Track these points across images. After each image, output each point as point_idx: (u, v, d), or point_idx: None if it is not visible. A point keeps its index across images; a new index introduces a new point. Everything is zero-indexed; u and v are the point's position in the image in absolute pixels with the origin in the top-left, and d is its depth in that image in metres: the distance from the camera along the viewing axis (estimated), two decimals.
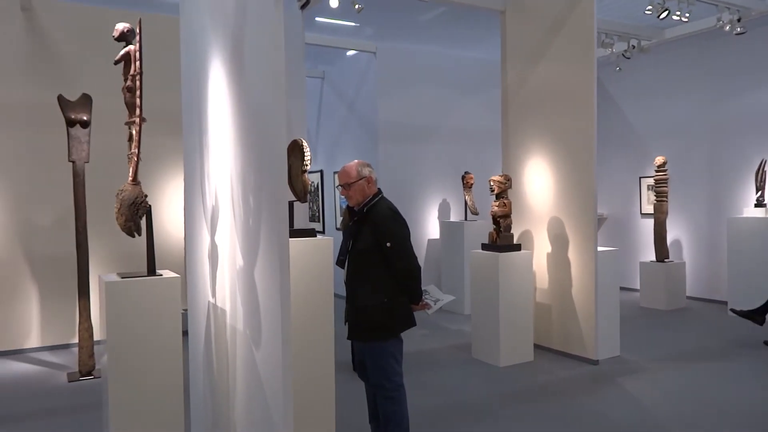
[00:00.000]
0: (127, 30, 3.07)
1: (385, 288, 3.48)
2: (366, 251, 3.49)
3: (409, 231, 3.59)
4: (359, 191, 3.56)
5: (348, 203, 3.67)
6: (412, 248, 3.57)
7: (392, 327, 3.51)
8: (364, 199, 3.57)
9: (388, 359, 3.50)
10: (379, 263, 3.47)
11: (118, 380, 2.99)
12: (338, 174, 3.76)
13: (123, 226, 3.08)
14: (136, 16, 3.71)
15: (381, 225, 3.47)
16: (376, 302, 3.45)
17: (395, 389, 3.52)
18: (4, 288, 6.49)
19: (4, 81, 6.47)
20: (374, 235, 3.47)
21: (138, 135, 2.98)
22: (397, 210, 3.60)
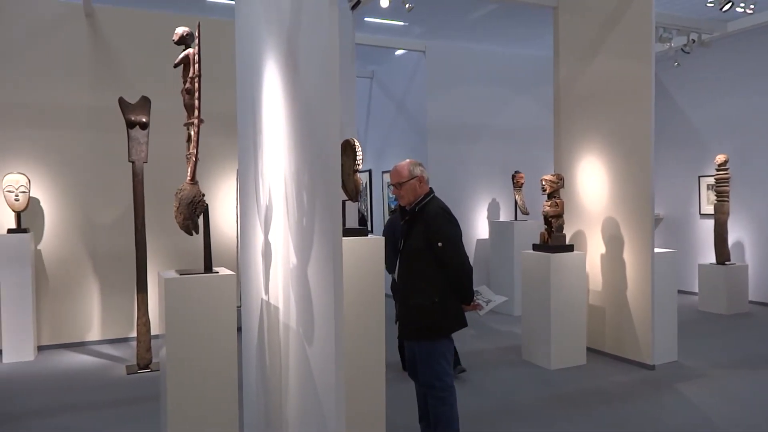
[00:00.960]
0: (187, 34, 3.16)
1: (436, 288, 3.46)
2: (418, 251, 3.50)
3: (461, 231, 3.57)
4: (411, 190, 3.57)
5: (399, 202, 3.69)
6: (464, 248, 3.54)
7: (443, 327, 3.49)
8: (415, 198, 3.57)
9: (438, 359, 3.49)
10: (430, 263, 3.46)
11: (175, 373, 3.08)
12: (390, 173, 3.84)
13: (181, 225, 3.17)
14: (192, 20, 3.81)
15: (433, 224, 3.46)
16: (427, 302, 3.45)
17: (445, 389, 3.51)
18: (68, 283, 6.79)
19: (68, 85, 6.76)
20: (426, 234, 3.47)
21: (196, 136, 3.06)
22: (449, 209, 3.58)
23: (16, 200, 6.18)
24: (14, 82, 6.55)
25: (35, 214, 6.63)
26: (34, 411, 4.76)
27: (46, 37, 6.69)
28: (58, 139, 6.72)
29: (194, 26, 3.35)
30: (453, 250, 3.46)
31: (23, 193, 6.22)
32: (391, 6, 6.51)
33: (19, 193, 6.20)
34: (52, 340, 6.70)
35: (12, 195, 6.17)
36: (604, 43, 6.16)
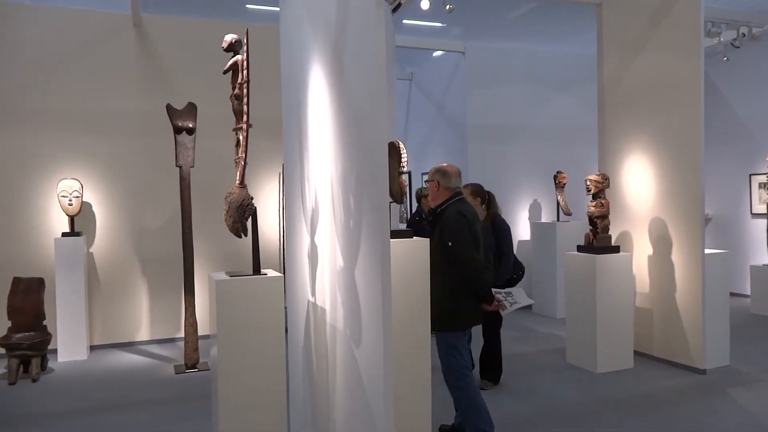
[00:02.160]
0: (235, 41, 3.23)
1: (449, 284, 3.74)
2: (436, 249, 3.75)
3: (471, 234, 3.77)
4: (432, 190, 3.96)
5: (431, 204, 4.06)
6: (473, 250, 3.75)
7: (452, 321, 3.78)
8: (434, 199, 3.95)
9: (450, 351, 3.79)
10: (446, 261, 3.75)
11: (226, 373, 3.14)
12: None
13: (231, 228, 3.24)
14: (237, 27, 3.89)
15: (446, 225, 3.77)
16: (440, 296, 3.73)
17: (459, 378, 3.78)
18: (118, 285, 7.00)
19: (118, 92, 6.98)
20: (441, 234, 3.79)
21: (245, 140, 3.12)
22: (468, 213, 3.82)
23: (69, 205, 6.41)
24: (68, 91, 6.80)
25: (87, 218, 6.86)
26: (88, 408, 4.93)
27: (97, 48, 6.93)
28: (108, 145, 6.94)
29: (241, 33, 3.42)
30: (459, 250, 3.71)
31: (76, 198, 6.45)
32: (430, 8, 6.50)
33: (73, 198, 6.43)
34: (104, 340, 6.92)
35: (66, 200, 6.40)
36: (651, 39, 6.02)
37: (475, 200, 4.99)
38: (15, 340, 5.58)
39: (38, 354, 5.71)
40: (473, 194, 5.01)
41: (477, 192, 5.06)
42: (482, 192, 5.11)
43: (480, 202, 5.05)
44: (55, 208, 6.64)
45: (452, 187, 3.90)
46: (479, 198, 5.05)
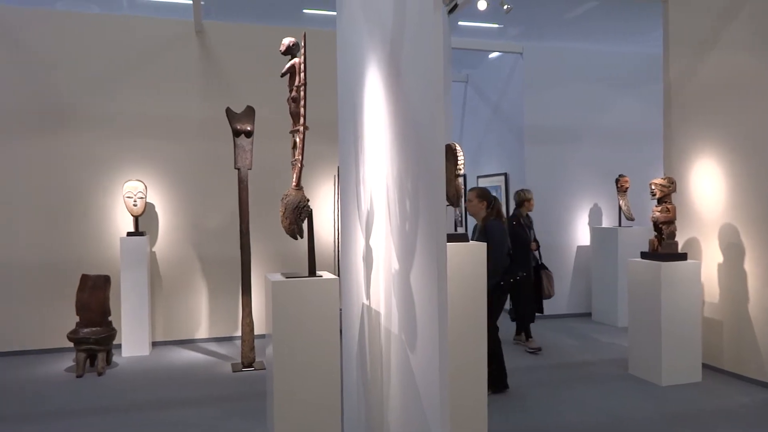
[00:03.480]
0: (293, 44, 3.26)
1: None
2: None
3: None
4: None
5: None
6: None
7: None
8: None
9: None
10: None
11: (281, 373, 3.17)
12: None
13: (287, 229, 3.26)
14: (294, 31, 3.93)
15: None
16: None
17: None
18: (179, 284, 7.21)
19: (180, 97, 7.21)
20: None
21: (302, 143, 3.14)
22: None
23: (134, 205, 6.66)
24: (133, 96, 7.07)
25: (151, 218, 7.10)
26: (149, 402, 5.08)
27: (161, 54, 7.18)
28: (171, 148, 7.17)
29: (299, 37, 3.45)
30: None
31: (140, 199, 6.68)
32: (487, 9, 6.40)
33: (137, 199, 6.67)
34: (165, 337, 7.14)
35: (131, 201, 6.65)
36: (722, 36, 5.73)
37: (480, 203, 5.02)
38: (82, 335, 5.82)
39: (104, 348, 5.95)
40: (479, 197, 5.02)
41: (483, 195, 5.05)
42: (489, 196, 5.10)
43: (486, 206, 5.04)
44: (120, 209, 6.91)
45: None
46: (485, 201, 5.03)
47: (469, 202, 5.09)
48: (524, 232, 6.63)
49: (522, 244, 6.51)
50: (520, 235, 6.54)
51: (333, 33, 4.10)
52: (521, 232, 6.58)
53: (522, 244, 6.51)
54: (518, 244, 6.43)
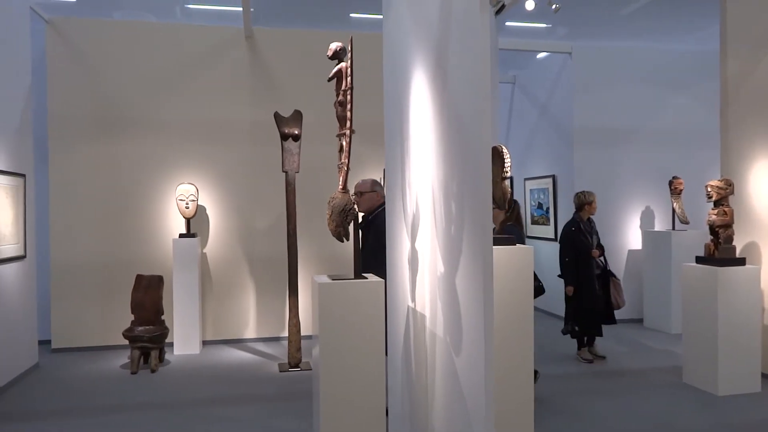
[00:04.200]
0: (340, 48, 3.30)
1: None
2: (374, 249, 4.23)
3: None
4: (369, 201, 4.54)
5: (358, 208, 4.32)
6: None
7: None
8: (370, 208, 4.52)
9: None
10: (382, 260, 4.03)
11: (327, 374, 3.20)
12: (356, 184, 4.73)
13: (333, 232, 3.30)
14: (341, 35, 3.98)
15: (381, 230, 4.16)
16: None
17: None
18: (228, 284, 7.39)
19: (230, 101, 7.39)
20: (375, 237, 4.26)
21: (348, 146, 3.17)
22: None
23: (186, 208, 6.86)
24: (185, 102, 7.28)
25: (202, 220, 7.30)
26: (199, 400, 5.22)
27: (212, 60, 7.38)
28: (221, 152, 7.36)
29: (346, 41, 3.49)
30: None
31: (192, 202, 6.88)
32: (535, 8, 6.31)
33: (189, 202, 6.87)
34: (215, 336, 7.32)
35: (183, 203, 6.85)
36: None
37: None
38: (137, 333, 6.03)
39: (157, 347, 6.14)
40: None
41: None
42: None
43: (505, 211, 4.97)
44: (173, 211, 7.13)
45: (383, 195, 4.46)
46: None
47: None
48: (585, 239, 6.26)
49: (582, 251, 6.20)
50: (579, 241, 6.23)
51: (379, 36, 4.12)
52: (581, 239, 6.25)
53: (582, 251, 6.20)
54: (577, 252, 6.20)
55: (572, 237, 6.26)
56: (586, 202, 6.37)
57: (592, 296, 6.16)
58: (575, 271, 6.19)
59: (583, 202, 6.39)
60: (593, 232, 6.42)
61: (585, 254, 6.19)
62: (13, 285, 5.83)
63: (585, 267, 6.17)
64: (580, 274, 6.17)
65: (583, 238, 6.25)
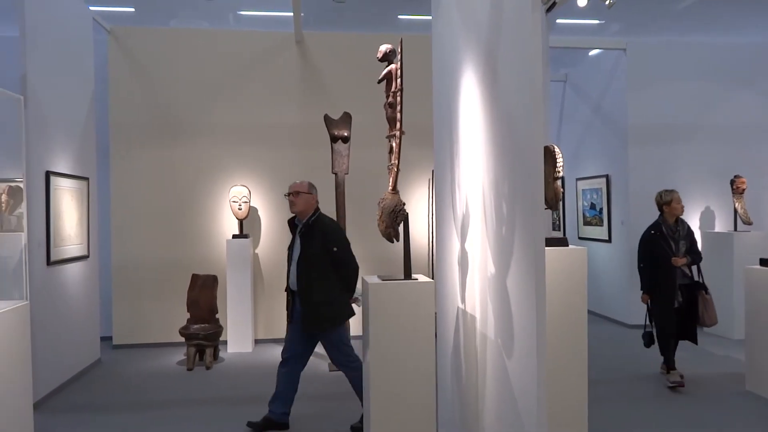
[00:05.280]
0: (389, 51, 3.32)
1: (333, 286, 4.29)
2: (316, 256, 4.27)
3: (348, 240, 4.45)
4: (304, 202, 4.42)
5: (291, 209, 4.47)
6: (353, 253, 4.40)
7: (341, 317, 4.36)
8: (305, 210, 4.42)
9: (342, 342, 4.41)
10: (327, 265, 4.26)
11: (377, 374, 3.23)
12: (291, 184, 4.55)
13: (384, 233, 3.32)
14: (389, 38, 4.00)
15: (329, 234, 4.34)
16: (327, 298, 4.26)
17: (355, 361, 4.36)
18: (279, 284, 7.48)
19: (281, 105, 7.53)
20: (323, 242, 4.28)
21: (398, 147, 3.19)
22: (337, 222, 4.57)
23: (239, 209, 7.03)
24: (238, 106, 7.47)
25: (254, 221, 7.47)
26: (253, 396, 5.33)
27: (263, 65, 7.54)
28: (273, 155, 7.51)
29: (393, 44, 3.50)
30: (345, 254, 4.33)
31: (245, 203, 7.05)
32: (587, 4, 6.18)
33: (242, 203, 7.04)
34: (266, 335, 7.47)
35: (236, 205, 7.02)
36: None
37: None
38: (192, 331, 6.22)
39: (211, 344, 6.32)
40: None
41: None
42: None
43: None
44: (226, 213, 7.31)
45: (317, 200, 4.50)
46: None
47: None
48: (666, 244, 5.48)
49: (660, 257, 5.48)
50: (658, 247, 5.50)
51: (428, 38, 4.13)
52: (660, 244, 5.50)
53: (660, 257, 5.48)
54: (655, 260, 5.51)
55: (650, 242, 5.58)
56: (663, 202, 5.63)
57: (666, 311, 5.48)
58: (651, 279, 5.57)
59: (660, 203, 5.66)
60: (681, 236, 5.58)
61: (664, 262, 5.47)
62: (77, 284, 6.12)
63: (663, 276, 5.47)
64: (656, 283, 5.53)
65: (664, 244, 5.49)
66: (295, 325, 4.43)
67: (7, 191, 4.94)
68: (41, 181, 5.37)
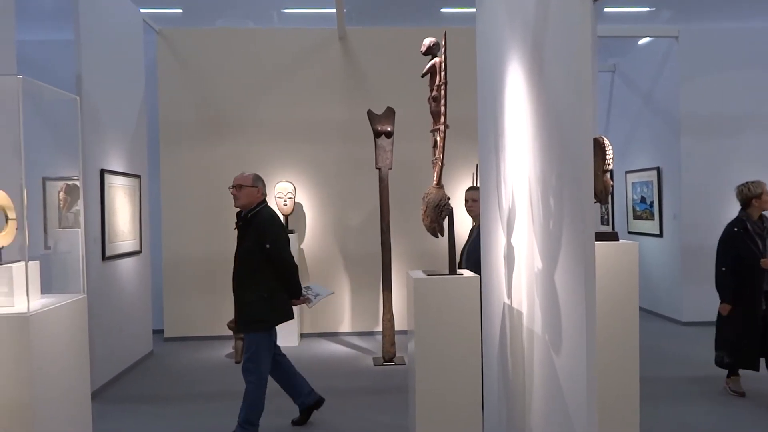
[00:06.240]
0: (433, 44, 3.29)
1: (266, 284, 4.05)
2: (250, 252, 4.06)
3: (288, 235, 4.30)
4: (248, 195, 4.15)
5: (235, 203, 4.21)
6: (289, 249, 4.19)
7: (269, 320, 4.10)
8: (249, 204, 4.15)
9: (260, 347, 4.10)
10: (261, 262, 4.04)
11: (423, 369, 3.22)
12: (235, 176, 4.28)
13: (428, 227, 3.30)
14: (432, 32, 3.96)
15: (262, 228, 4.07)
16: (256, 297, 4.03)
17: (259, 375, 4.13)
18: (324, 279, 7.59)
19: (325, 101, 7.59)
20: (257, 237, 4.05)
21: (442, 141, 3.16)
22: (276, 216, 4.24)
23: (284, 205, 7.12)
24: (283, 103, 7.56)
25: (299, 217, 7.56)
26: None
27: (307, 62, 7.61)
28: (317, 151, 7.58)
29: (438, 36, 3.47)
30: (280, 250, 4.07)
31: (290, 199, 7.13)
32: None
33: (287, 199, 7.13)
34: (312, 329, 7.56)
35: (281, 201, 7.12)
36: None
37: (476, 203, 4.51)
38: None
39: None
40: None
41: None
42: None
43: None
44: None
45: (264, 193, 4.25)
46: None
47: (474, 203, 4.61)
48: (752, 243, 4.85)
49: (747, 259, 4.84)
50: (744, 247, 4.85)
51: (470, 30, 4.08)
52: (746, 243, 4.85)
53: (747, 259, 4.84)
54: (741, 259, 4.87)
55: (735, 240, 4.90)
56: (752, 195, 4.93)
57: (752, 319, 4.84)
58: (734, 285, 4.88)
59: (749, 196, 4.95)
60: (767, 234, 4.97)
61: (750, 263, 4.83)
62: (131, 278, 6.32)
63: (749, 281, 4.83)
64: (741, 289, 4.86)
65: (750, 243, 4.85)
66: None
67: (65, 189, 5.15)
68: (96, 179, 5.57)
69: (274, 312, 4.14)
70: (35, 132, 3.33)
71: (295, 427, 4.56)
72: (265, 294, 4.07)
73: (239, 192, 4.17)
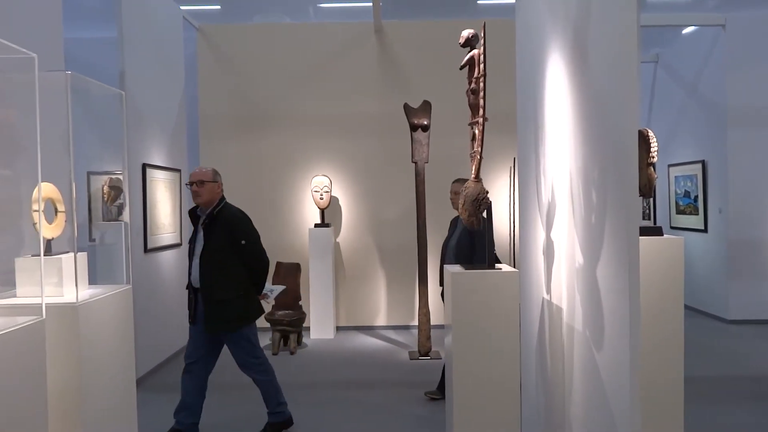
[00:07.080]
0: (472, 35, 3.25)
1: (240, 282, 4.00)
2: (221, 250, 3.94)
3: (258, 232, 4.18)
4: (209, 191, 3.98)
5: (196, 200, 4.02)
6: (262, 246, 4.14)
7: (249, 316, 4.07)
8: (211, 200, 3.99)
9: (249, 341, 4.09)
10: (233, 260, 3.97)
11: (460, 363, 3.20)
12: (193, 172, 4.06)
13: (466, 221, 3.28)
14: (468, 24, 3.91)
15: (237, 225, 4.00)
16: (233, 295, 3.96)
17: (263, 363, 4.18)
18: (360, 273, 7.63)
19: (361, 95, 7.60)
20: (229, 234, 3.95)
21: (481, 134, 3.12)
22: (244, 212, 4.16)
23: (321, 199, 7.17)
24: (320, 98, 7.60)
25: (335, 210, 7.60)
26: (333, 383, 5.45)
27: (343, 56, 7.62)
28: (353, 145, 7.60)
29: (476, 28, 3.43)
30: (255, 247, 4.06)
31: (326, 193, 7.18)
32: None
33: (323, 193, 7.17)
34: (348, 322, 7.61)
35: (318, 194, 7.17)
36: None
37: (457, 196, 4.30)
38: (278, 317, 6.42)
39: (295, 330, 6.50)
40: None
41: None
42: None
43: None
44: (309, 202, 7.48)
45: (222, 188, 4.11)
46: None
47: (455, 195, 4.47)
48: None
49: None
50: None
51: (508, 22, 4.02)
52: None
53: None
54: None
55: None
56: None
57: None
58: None
59: None
60: None
61: None
62: (171, 270, 6.46)
63: None
64: None
65: None
66: (198, 326, 4.08)
67: (109, 183, 5.29)
68: (138, 173, 5.70)
69: (252, 306, 4.13)
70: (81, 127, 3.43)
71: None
72: (241, 291, 4.02)
73: (201, 188, 3.96)
